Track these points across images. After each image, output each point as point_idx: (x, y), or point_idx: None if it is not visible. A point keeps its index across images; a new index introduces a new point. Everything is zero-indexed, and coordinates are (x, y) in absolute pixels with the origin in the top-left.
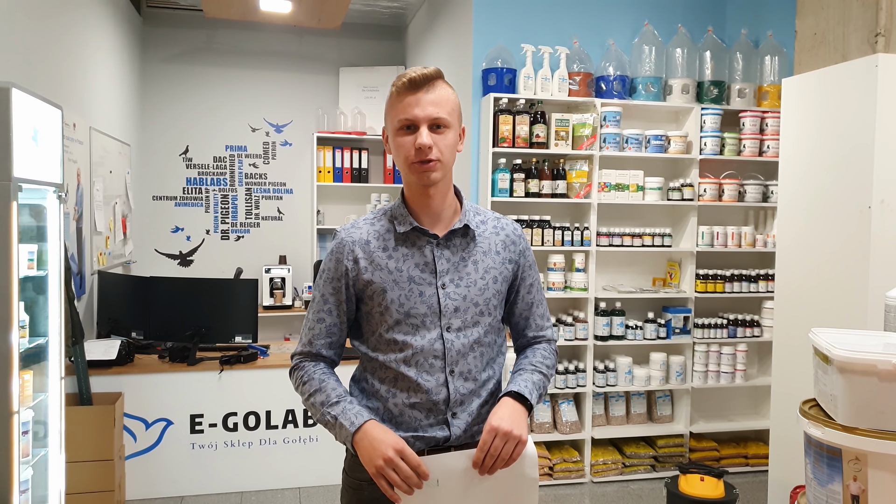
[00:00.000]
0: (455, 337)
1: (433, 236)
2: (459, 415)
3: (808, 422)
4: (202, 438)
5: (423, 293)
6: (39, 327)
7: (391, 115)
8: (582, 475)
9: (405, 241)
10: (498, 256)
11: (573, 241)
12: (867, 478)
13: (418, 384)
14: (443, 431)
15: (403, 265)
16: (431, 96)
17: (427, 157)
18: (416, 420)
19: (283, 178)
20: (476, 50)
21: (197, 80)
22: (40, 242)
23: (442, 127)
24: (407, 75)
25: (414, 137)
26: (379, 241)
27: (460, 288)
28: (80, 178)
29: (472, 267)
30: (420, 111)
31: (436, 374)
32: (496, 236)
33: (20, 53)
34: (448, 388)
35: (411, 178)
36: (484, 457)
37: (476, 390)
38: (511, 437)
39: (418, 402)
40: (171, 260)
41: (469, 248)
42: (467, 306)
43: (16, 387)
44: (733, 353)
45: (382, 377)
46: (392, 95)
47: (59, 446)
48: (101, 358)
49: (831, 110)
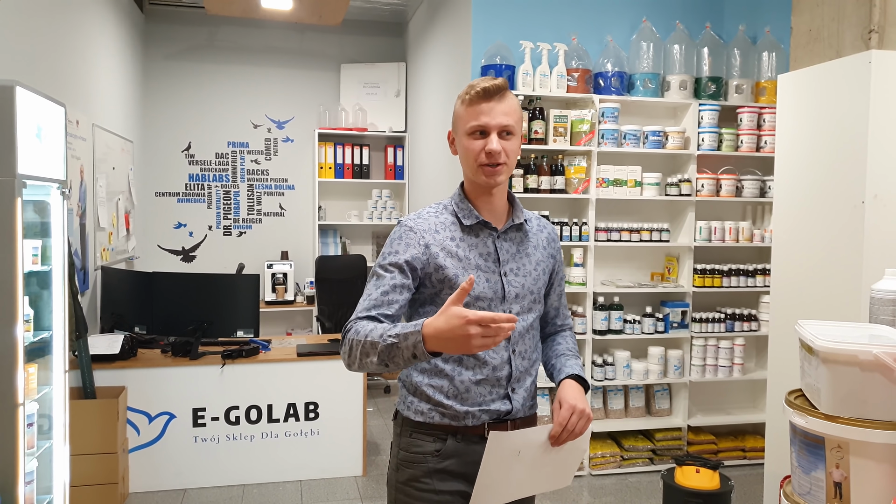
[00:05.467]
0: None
1: (494, 229)
2: (518, 390)
3: (792, 411)
4: (204, 432)
5: (489, 279)
6: (44, 321)
7: (463, 119)
8: (580, 468)
9: (470, 232)
10: (544, 251)
11: (571, 237)
12: (849, 465)
13: (486, 361)
14: (505, 405)
15: (470, 253)
16: (503, 106)
17: (497, 161)
18: (480, 395)
19: (285, 174)
20: (475, 47)
21: (199, 76)
22: (44, 238)
23: (510, 134)
24: (480, 84)
25: (485, 142)
26: (446, 231)
27: (519, 277)
28: (84, 175)
29: (526, 259)
30: (492, 119)
31: (500, 352)
32: (541, 233)
33: (24, 51)
34: (511, 365)
35: (479, 178)
36: (561, 431)
37: (529, 369)
38: (584, 415)
39: (484, 379)
40: (173, 256)
41: (523, 242)
42: (525, 293)
43: (21, 379)
44: (731, 348)
45: (447, 357)
46: (465, 102)
47: (63, 439)
48: (105, 352)
49: (826, 106)
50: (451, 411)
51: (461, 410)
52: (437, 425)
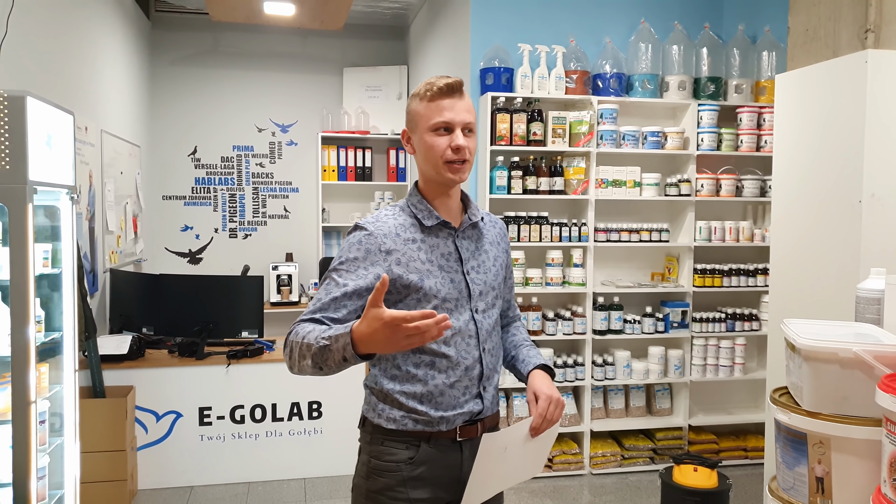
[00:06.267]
0: (483, 318)
1: (454, 228)
2: (488, 388)
3: (776, 408)
4: (210, 430)
5: (453, 279)
6: (54, 322)
7: (426, 116)
8: (581, 467)
9: (430, 232)
10: (498, 247)
11: (571, 237)
12: (831, 461)
13: (458, 362)
14: (477, 405)
15: (432, 255)
16: (464, 104)
17: (464, 157)
18: (454, 398)
19: (289, 177)
20: (474, 50)
21: (204, 81)
22: (54, 242)
23: (470, 132)
24: (440, 81)
25: (450, 139)
26: (407, 234)
27: (480, 274)
28: (93, 180)
29: (485, 256)
30: (456, 115)
31: (472, 352)
32: (493, 229)
33: (34, 60)
34: (482, 363)
35: (442, 175)
36: (542, 422)
37: (496, 365)
38: (560, 403)
39: (457, 381)
40: (180, 258)
41: (480, 240)
42: (487, 290)
43: (32, 378)
44: (732, 347)
45: (418, 361)
46: (425, 98)
47: (73, 436)
48: (114, 352)
49: (823, 106)
50: (425, 417)
51: (435, 416)
52: (411, 432)
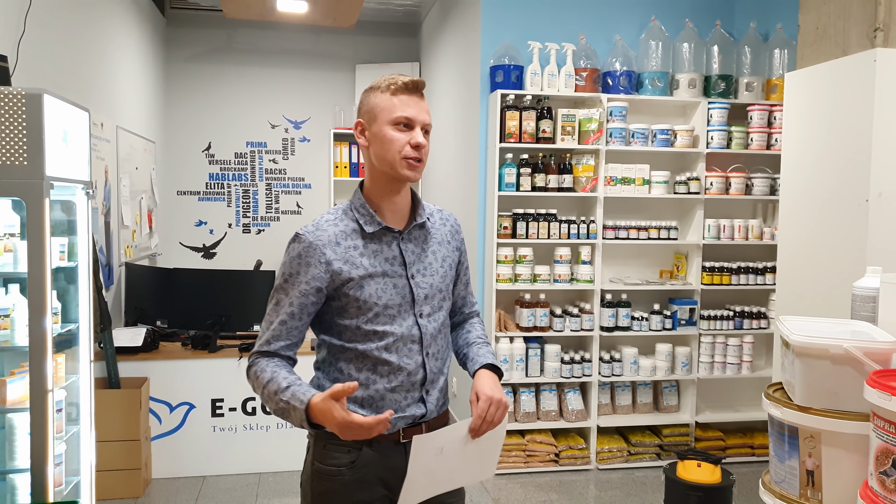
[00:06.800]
0: (427, 322)
1: (398, 232)
2: (432, 392)
3: (769, 403)
4: (222, 422)
5: (396, 285)
6: (70, 314)
7: (387, 109)
8: (587, 462)
9: (373, 238)
10: (449, 245)
11: (579, 234)
12: (821, 454)
13: (400, 367)
14: (420, 409)
15: (375, 261)
16: (425, 104)
17: (421, 156)
18: (395, 402)
19: (302, 173)
20: (484, 47)
21: (218, 78)
22: (70, 236)
23: (427, 133)
24: (403, 78)
25: (409, 135)
26: (348, 241)
27: (426, 277)
28: (108, 175)
29: (432, 257)
30: (418, 114)
31: (414, 357)
32: (444, 227)
33: (52, 58)
34: (425, 368)
35: (398, 171)
36: (481, 423)
37: (442, 368)
38: (502, 404)
39: (399, 385)
40: (194, 252)
41: (427, 241)
42: (434, 293)
43: (50, 367)
44: (740, 345)
45: (360, 366)
46: (385, 91)
47: (89, 425)
48: (129, 344)
49: (831, 104)
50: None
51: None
52: None
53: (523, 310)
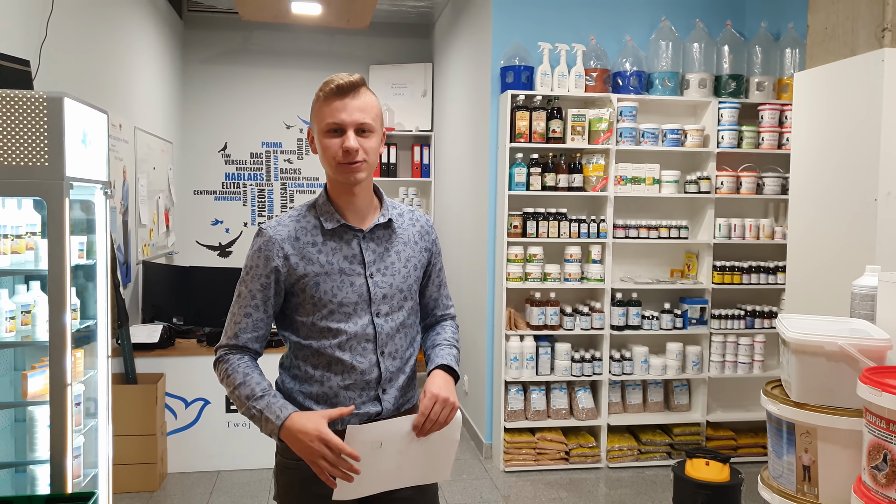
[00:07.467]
0: (384, 321)
1: (359, 230)
2: (389, 390)
3: (767, 399)
4: (237, 417)
5: (353, 283)
6: (89, 311)
7: (318, 118)
8: (598, 460)
9: (333, 235)
10: (416, 246)
11: (589, 234)
12: (817, 450)
13: (353, 366)
14: (375, 407)
15: (333, 258)
16: (358, 102)
17: (354, 159)
18: (350, 399)
19: (317, 173)
20: (494, 48)
21: (234, 79)
22: (89, 234)
23: (367, 132)
24: (334, 81)
25: (341, 140)
26: (307, 237)
27: (386, 277)
28: (126, 175)
29: (395, 257)
30: (347, 116)
31: (368, 355)
32: (413, 227)
33: (72, 61)
34: (380, 367)
35: (339, 176)
36: (424, 421)
37: (402, 367)
38: (448, 404)
39: (352, 384)
40: (210, 251)
41: (392, 240)
42: (393, 293)
43: (69, 362)
44: (751, 344)
45: (316, 363)
46: (319, 99)
47: (107, 419)
48: (145, 341)
49: (840, 104)
50: None
51: None
52: None
53: (534, 308)
